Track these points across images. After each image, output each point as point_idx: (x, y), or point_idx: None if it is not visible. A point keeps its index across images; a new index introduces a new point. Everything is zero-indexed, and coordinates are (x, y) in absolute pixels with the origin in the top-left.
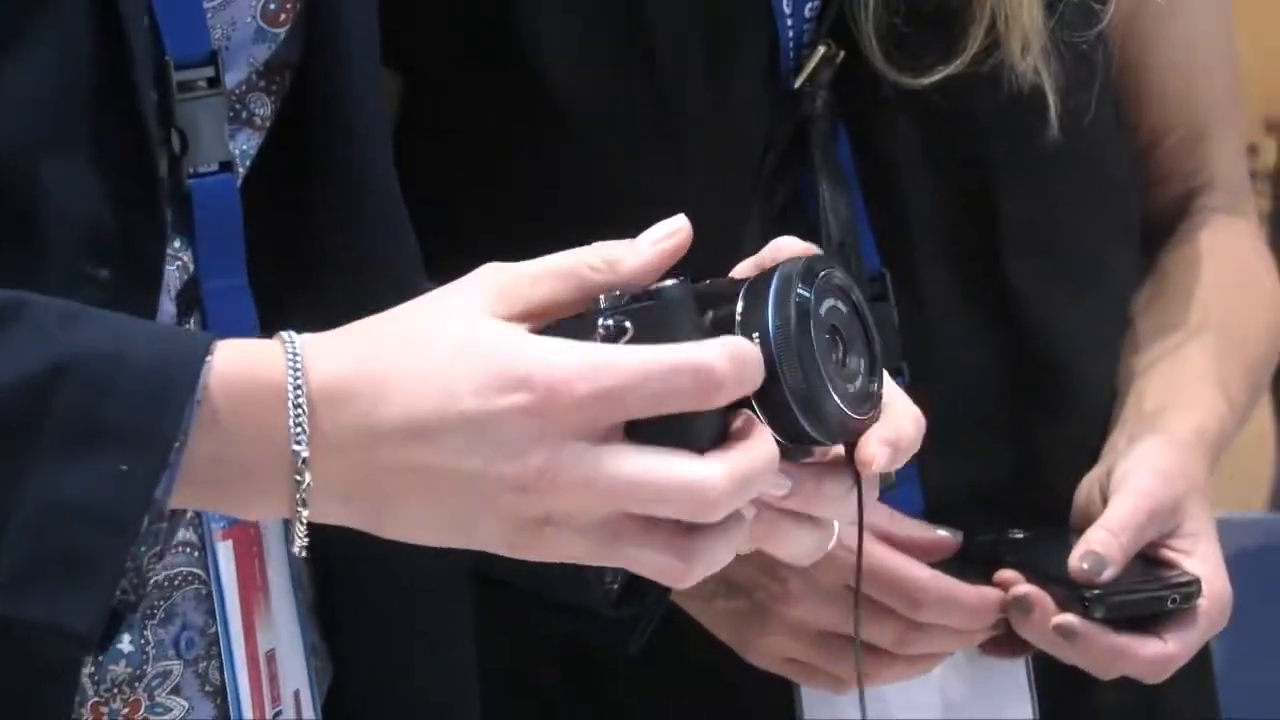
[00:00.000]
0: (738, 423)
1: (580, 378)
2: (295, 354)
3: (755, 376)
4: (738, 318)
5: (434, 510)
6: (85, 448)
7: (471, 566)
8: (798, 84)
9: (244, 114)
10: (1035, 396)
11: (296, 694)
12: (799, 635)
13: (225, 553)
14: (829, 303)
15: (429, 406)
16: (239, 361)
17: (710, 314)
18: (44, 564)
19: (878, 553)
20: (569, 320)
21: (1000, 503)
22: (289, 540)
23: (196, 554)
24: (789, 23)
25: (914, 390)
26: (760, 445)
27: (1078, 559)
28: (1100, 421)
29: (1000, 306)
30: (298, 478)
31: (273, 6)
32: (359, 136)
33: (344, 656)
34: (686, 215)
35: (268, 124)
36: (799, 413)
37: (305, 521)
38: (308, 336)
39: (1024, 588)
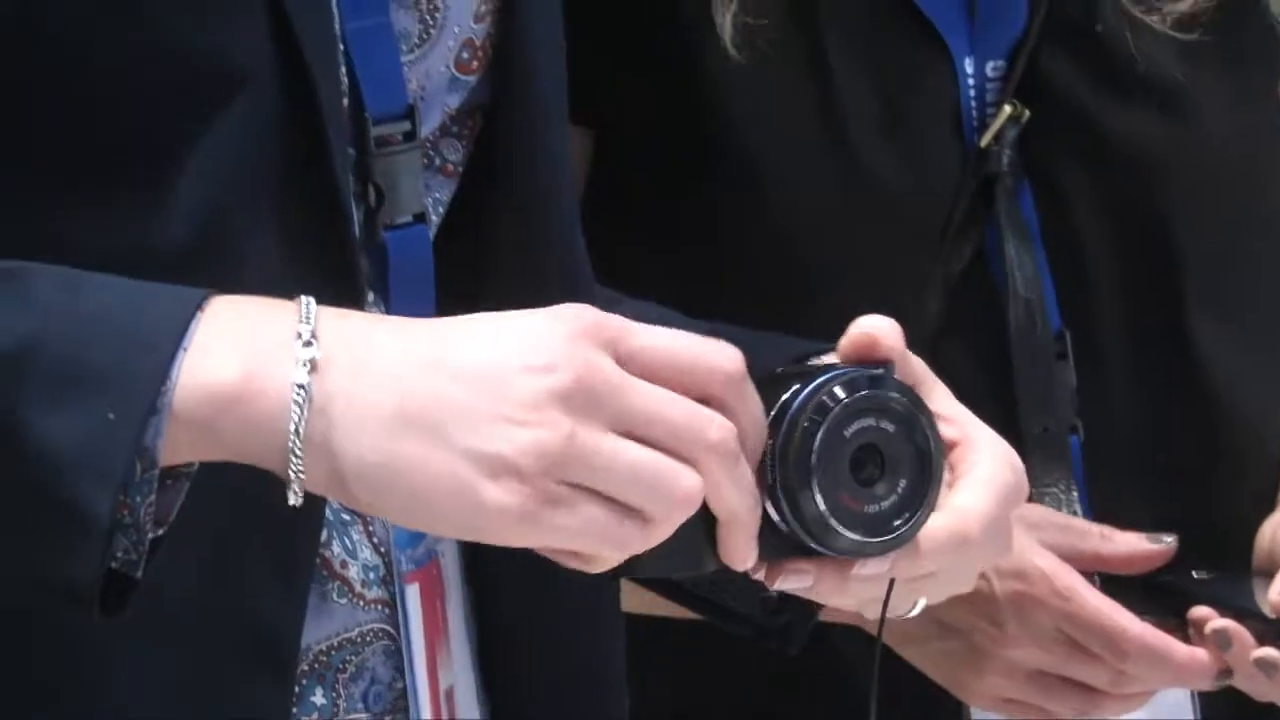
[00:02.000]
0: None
1: (611, 320)
2: (306, 303)
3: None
4: (782, 396)
5: (418, 412)
6: (70, 396)
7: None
8: (984, 143)
9: (437, 160)
10: (1212, 453)
11: None
12: (1014, 675)
13: (413, 594)
14: (865, 421)
15: (457, 321)
16: (241, 303)
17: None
18: (36, 518)
19: (1090, 602)
20: None
21: (1182, 546)
22: (369, 522)
23: (387, 611)
24: (970, 83)
25: (1089, 447)
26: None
27: (1275, 594)
28: (1275, 471)
29: (1180, 366)
30: (302, 349)
31: (465, 55)
32: (547, 180)
33: (501, 693)
34: (873, 274)
35: (459, 169)
36: (788, 512)
37: (298, 455)
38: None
39: (1223, 621)
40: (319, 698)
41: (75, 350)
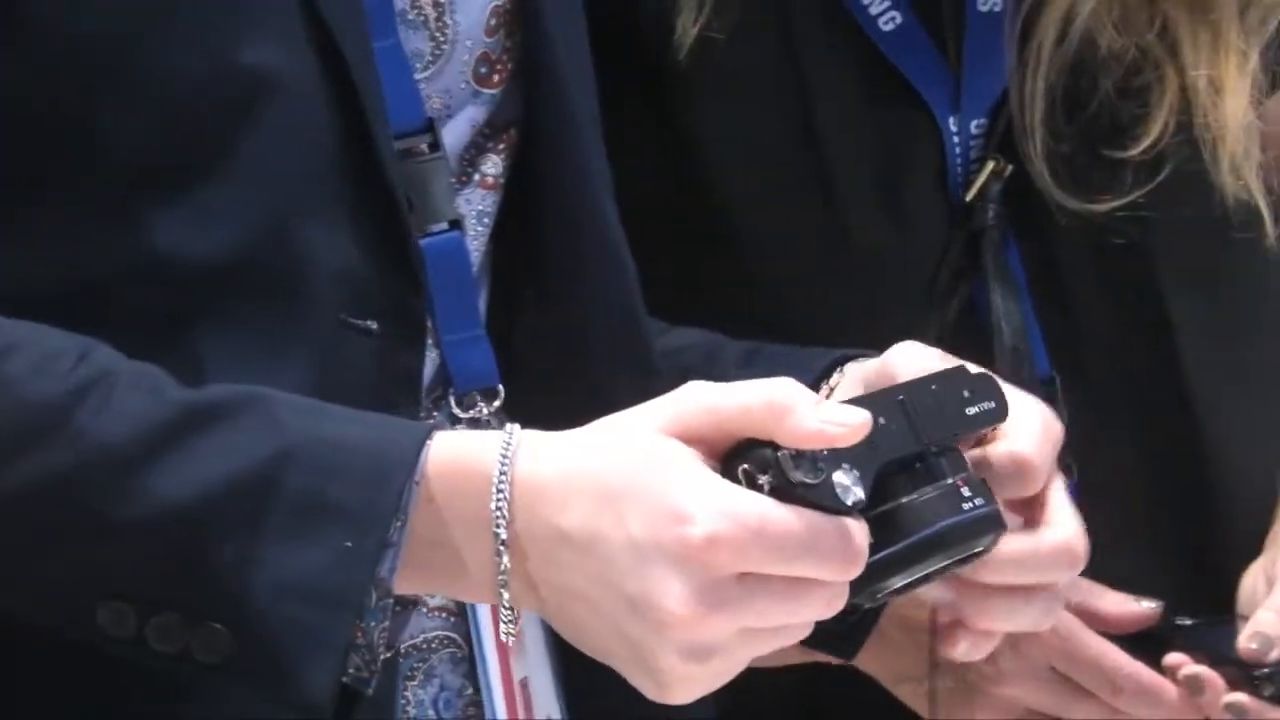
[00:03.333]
0: None
1: (741, 527)
2: (508, 444)
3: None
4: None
5: (595, 620)
6: (312, 527)
7: None
8: (968, 198)
9: (475, 175)
10: (1204, 495)
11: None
12: (1008, 714)
13: None
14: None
15: (600, 523)
16: (455, 449)
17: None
18: (276, 643)
19: (1084, 639)
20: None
21: (1163, 593)
22: (498, 624)
23: (452, 619)
24: (955, 139)
25: (1082, 489)
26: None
27: (1246, 640)
28: (1262, 517)
29: (1171, 407)
30: (496, 558)
31: (484, 69)
32: (585, 192)
33: (578, 681)
34: (861, 325)
35: (501, 182)
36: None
37: (507, 605)
38: (527, 433)
39: (1195, 668)
40: None
41: (315, 481)
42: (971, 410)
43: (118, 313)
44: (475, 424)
